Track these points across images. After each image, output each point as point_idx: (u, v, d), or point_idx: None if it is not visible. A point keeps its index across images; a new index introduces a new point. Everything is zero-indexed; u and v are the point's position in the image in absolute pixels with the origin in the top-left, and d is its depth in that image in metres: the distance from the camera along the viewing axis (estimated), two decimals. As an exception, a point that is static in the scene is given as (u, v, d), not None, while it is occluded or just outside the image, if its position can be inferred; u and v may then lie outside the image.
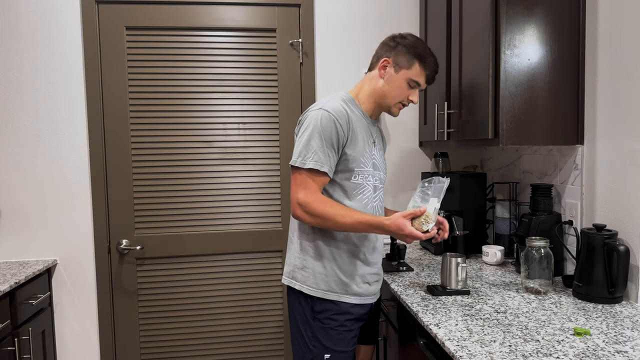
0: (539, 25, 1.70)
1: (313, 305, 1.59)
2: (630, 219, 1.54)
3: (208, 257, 2.47)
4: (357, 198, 1.59)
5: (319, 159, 1.50)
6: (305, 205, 1.51)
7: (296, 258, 1.63)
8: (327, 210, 1.50)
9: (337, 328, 1.59)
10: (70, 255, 2.34)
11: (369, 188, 1.62)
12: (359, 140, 1.58)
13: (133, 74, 2.36)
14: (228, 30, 2.42)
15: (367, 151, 1.61)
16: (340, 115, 1.52)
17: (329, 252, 1.59)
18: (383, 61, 1.61)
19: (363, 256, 1.62)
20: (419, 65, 1.59)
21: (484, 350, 1.18)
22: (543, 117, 1.72)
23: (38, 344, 2.14)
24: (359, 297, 1.62)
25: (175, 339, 2.46)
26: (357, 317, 1.64)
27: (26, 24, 2.25)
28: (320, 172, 1.51)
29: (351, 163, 1.56)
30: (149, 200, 2.41)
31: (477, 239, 2.20)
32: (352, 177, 1.58)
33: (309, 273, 1.59)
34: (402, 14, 2.50)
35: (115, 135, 2.36)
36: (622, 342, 1.22)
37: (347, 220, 1.49)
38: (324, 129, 1.50)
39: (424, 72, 1.61)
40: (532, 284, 1.63)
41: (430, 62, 1.61)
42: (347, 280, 1.59)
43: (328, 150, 1.51)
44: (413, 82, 1.60)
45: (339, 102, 1.57)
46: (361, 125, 1.60)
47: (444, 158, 2.36)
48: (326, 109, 1.52)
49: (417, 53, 1.59)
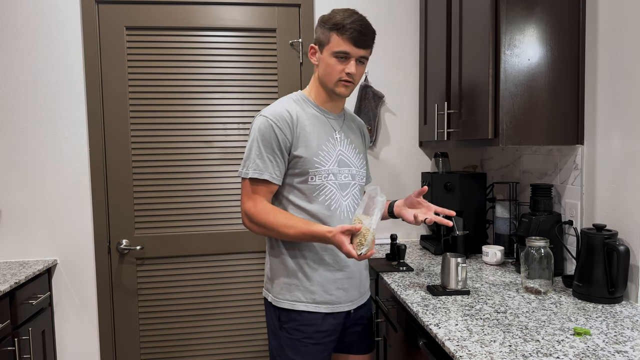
0: (539, 25, 1.70)
1: (280, 315, 1.55)
2: (630, 219, 1.54)
3: (208, 257, 2.47)
4: (319, 200, 1.52)
5: (258, 167, 1.47)
6: (250, 215, 1.49)
7: (267, 267, 1.61)
8: (270, 220, 1.47)
9: (304, 340, 1.52)
10: (70, 255, 2.35)
11: (331, 188, 1.53)
12: (312, 139, 1.51)
13: (133, 74, 2.36)
14: (228, 30, 2.42)
15: (325, 149, 1.53)
16: (279, 118, 1.48)
17: (293, 260, 1.54)
18: (310, 48, 1.56)
19: (331, 260, 1.55)
20: (336, 35, 1.47)
21: (484, 350, 1.18)
22: (543, 117, 1.72)
23: (38, 344, 2.14)
24: (330, 306, 1.54)
25: (175, 339, 2.46)
26: (328, 330, 1.55)
27: (26, 24, 2.25)
28: (261, 180, 1.48)
29: (304, 165, 1.50)
30: (149, 200, 2.41)
31: (477, 239, 2.20)
32: (308, 179, 1.51)
33: (276, 283, 1.55)
34: (402, 14, 2.50)
35: (115, 135, 2.36)
36: (622, 342, 1.22)
37: (290, 231, 1.45)
38: (262, 135, 1.48)
39: (345, 38, 1.46)
40: (532, 284, 1.63)
41: (347, 24, 1.46)
42: (315, 289, 1.53)
43: (268, 156, 1.47)
44: (340, 54, 1.48)
45: (285, 103, 1.54)
46: (316, 122, 1.55)
47: (444, 158, 2.36)
48: (264, 114, 1.50)
49: (332, 24, 1.48)
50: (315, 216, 1.52)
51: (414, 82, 2.53)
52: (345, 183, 1.57)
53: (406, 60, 2.52)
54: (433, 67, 2.31)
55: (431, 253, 2.26)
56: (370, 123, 2.48)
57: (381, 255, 2.20)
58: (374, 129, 2.49)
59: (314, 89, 1.60)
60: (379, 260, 2.12)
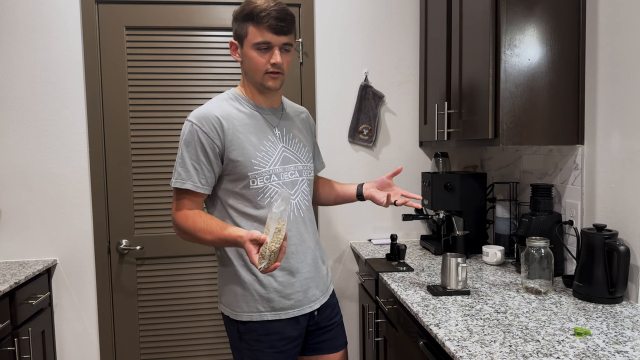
0: (539, 25, 1.70)
1: (238, 327, 1.46)
2: (630, 219, 1.53)
3: (208, 257, 2.46)
4: (265, 204, 1.43)
5: (180, 175, 1.40)
6: (176, 223, 1.43)
7: (219, 280, 1.52)
8: (189, 226, 1.40)
9: (266, 350, 1.44)
10: (70, 255, 2.34)
11: (275, 189, 1.44)
12: (247, 140, 1.42)
13: (133, 73, 2.36)
14: (228, 30, 2.42)
15: (263, 149, 1.44)
16: (206, 122, 1.39)
17: (245, 269, 1.45)
18: (230, 46, 1.49)
19: (285, 263, 1.45)
20: (252, 26, 1.39)
21: (484, 351, 1.18)
22: (543, 117, 1.72)
23: (38, 344, 2.14)
24: (290, 311, 1.46)
25: (175, 339, 2.46)
26: (291, 336, 1.48)
27: (26, 24, 2.25)
28: (183, 190, 1.41)
29: (242, 169, 1.41)
30: (149, 200, 2.41)
31: (477, 239, 2.20)
32: (250, 183, 1.42)
33: (231, 296, 1.47)
34: (402, 14, 2.50)
35: (115, 135, 2.36)
36: (622, 342, 1.22)
37: (208, 237, 1.38)
38: (186, 142, 1.40)
39: (262, 26, 1.38)
40: (532, 284, 1.63)
41: (260, 12, 1.37)
42: (272, 296, 1.44)
43: (193, 164, 1.39)
44: (261, 45, 1.40)
45: (214, 104, 1.45)
46: (251, 121, 1.46)
47: (444, 158, 2.35)
48: (190, 119, 1.42)
49: (245, 15, 1.40)
50: (263, 221, 1.42)
51: (414, 82, 2.53)
52: (292, 181, 1.49)
53: (406, 60, 2.52)
54: (433, 67, 2.31)
55: (431, 253, 2.26)
56: (370, 123, 2.48)
57: (381, 255, 2.20)
58: (374, 129, 2.49)
59: (245, 86, 1.51)
60: (379, 260, 2.12)
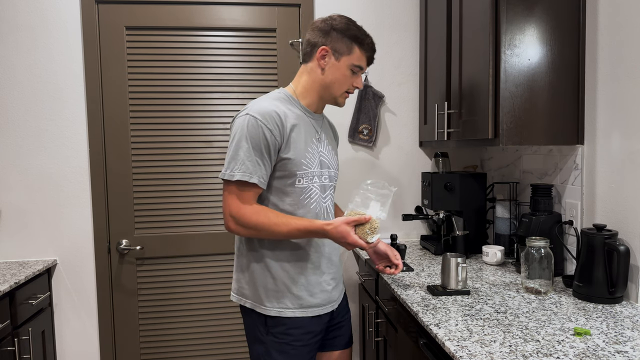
0: (539, 25, 1.70)
1: (266, 321, 1.50)
2: (630, 219, 1.53)
3: (208, 257, 2.47)
4: (305, 203, 1.49)
5: (247, 169, 1.40)
6: (238, 218, 1.43)
7: (244, 274, 1.54)
8: (261, 221, 1.41)
9: (293, 343, 1.49)
10: (70, 255, 2.34)
11: (315, 190, 1.52)
12: (300, 140, 1.47)
13: (133, 74, 2.36)
14: (228, 30, 2.42)
15: (310, 150, 1.50)
16: (269, 119, 1.42)
17: (278, 265, 1.49)
18: (321, 50, 1.49)
19: (317, 262, 1.53)
20: (359, 49, 1.49)
21: (484, 351, 1.18)
22: (543, 117, 1.72)
23: (38, 344, 2.14)
24: (316, 309, 1.53)
25: (175, 339, 2.46)
26: (314, 331, 1.55)
27: (26, 24, 2.25)
28: (250, 183, 1.41)
29: (292, 167, 1.46)
30: (149, 200, 2.41)
31: (477, 239, 2.20)
32: (296, 181, 1.47)
33: (260, 290, 1.49)
34: (402, 14, 2.50)
35: (115, 135, 2.36)
36: (622, 342, 1.22)
37: (283, 229, 1.41)
38: (251, 136, 1.41)
39: (365, 55, 1.52)
40: (532, 284, 1.63)
41: (368, 42, 1.51)
42: (301, 294, 1.50)
43: (257, 159, 1.41)
44: (356, 67, 1.51)
45: (271, 102, 1.47)
46: (302, 123, 1.50)
47: (444, 158, 2.35)
48: (253, 114, 1.42)
49: (353, 36, 1.49)
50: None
51: (414, 82, 2.53)
52: (326, 185, 1.56)
53: (406, 60, 2.52)
54: (433, 67, 2.31)
55: (431, 253, 2.26)
56: (370, 123, 2.48)
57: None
58: (374, 129, 2.49)
59: (305, 91, 1.55)
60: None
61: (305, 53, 1.55)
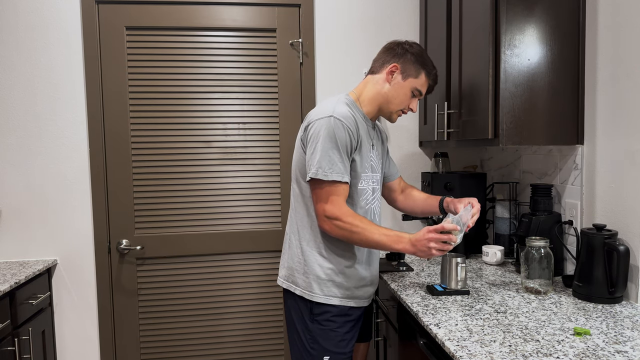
0: (539, 25, 1.70)
1: (312, 307, 1.59)
2: (630, 218, 1.54)
3: (208, 257, 2.47)
4: (362, 204, 1.61)
5: (340, 170, 1.49)
6: (335, 218, 1.50)
7: (296, 262, 1.62)
8: (357, 224, 1.49)
9: (337, 330, 1.59)
10: (70, 255, 2.34)
11: (369, 191, 1.63)
12: (364, 143, 1.59)
13: (133, 74, 2.36)
14: (228, 30, 2.42)
15: (369, 155, 1.63)
16: (350, 122, 1.52)
17: (332, 258, 1.58)
18: (392, 66, 1.61)
19: (365, 259, 1.64)
20: (425, 76, 1.63)
21: (484, 350, 1.18)
22: (543, 117, 1.72)
23: (38, 344, 2.14)
24: (358, 300, 1.64)
25: (175, 339, 2.46)
26: (355, 319, 1.65)
27: (26, 23, 2.25)
28: (342, 182, 1.50)
29: (359, 168, 1.57)
30: (149, 200, 2.41)
31: (477, 239, 2.20)
32: (359, 183, 1.58)
33: (311, 279, 1.58)
34: (402, 14, 2.50)
35: (115, 135, 2.36)
36: (622, 342, 1.22)
37: (375, 236, 1.49)
38: (339, 138, 1.49)
39: (428, 82, 1.65)
40: (532, 284, 1.63)
41: (434, 73, 1.66)
42: (349, 284, 1.60)
43: (345, 159, 1.51)
44: (417, 91, 1.64)
45: (344, 106, 1.56)
46: (363, 128, 1.60)
47: (444, 158, 2.36)
48: (337, 116, 1.50)
49: (423, 63, 1.62)
50: None
51: (414, 82, 2.53)
52: (374, 188, 1.67)
53: (406, 60, 2.52)
54: (433, 67, 2.31)
55: (431, 253, 2.25)
56: (370, 123, 2.47)
57: (381, 255, 2.19)
58: (374, 129, 2.49)
59: (367, 100, 1.64)
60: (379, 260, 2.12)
61: (373, 66, 1.68)
